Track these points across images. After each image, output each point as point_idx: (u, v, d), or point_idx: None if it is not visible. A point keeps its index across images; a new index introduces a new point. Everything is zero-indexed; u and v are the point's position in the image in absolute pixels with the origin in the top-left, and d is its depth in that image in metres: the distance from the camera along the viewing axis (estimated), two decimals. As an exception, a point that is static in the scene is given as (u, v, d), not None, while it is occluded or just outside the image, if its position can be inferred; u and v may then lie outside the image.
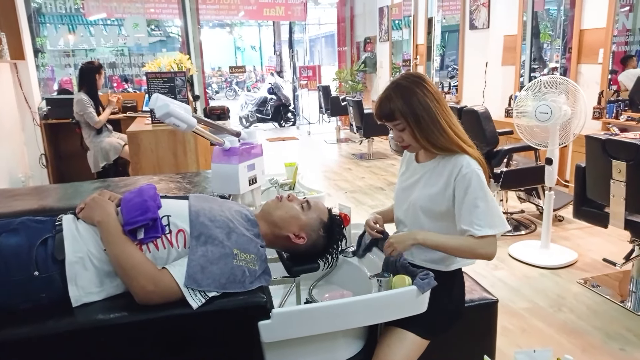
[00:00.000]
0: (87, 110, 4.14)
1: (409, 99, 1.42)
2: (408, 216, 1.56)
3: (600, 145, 2.58)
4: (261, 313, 1.26)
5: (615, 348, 2.27)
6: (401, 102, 1.42)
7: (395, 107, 1.43)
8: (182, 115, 1.58)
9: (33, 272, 1.20)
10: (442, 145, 1.45)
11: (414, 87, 1.43)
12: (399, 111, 1.43)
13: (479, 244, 1.42)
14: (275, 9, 9.10)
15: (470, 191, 1.41)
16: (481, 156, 1.49)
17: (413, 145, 1.49)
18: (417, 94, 1.42)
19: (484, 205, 1.40)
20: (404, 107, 1.42)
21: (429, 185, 1.50)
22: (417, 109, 1.42)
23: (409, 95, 1.42)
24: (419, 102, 1.42)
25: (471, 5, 6.01)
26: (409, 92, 1.43)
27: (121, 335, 1.20)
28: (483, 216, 1.40)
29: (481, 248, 1.42)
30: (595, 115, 4.33)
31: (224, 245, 1.29)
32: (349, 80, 9.23)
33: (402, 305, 1.39)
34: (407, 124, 1.44)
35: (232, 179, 1.82)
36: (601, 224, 2.75)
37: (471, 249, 1.43)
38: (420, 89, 1.43)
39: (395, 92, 1.44)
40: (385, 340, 1.48)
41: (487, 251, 1.43)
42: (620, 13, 4.29)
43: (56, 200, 2.13)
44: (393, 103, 1.43)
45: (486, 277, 3.01)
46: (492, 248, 1.43)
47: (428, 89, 1.44)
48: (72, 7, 7.03)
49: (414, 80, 1.45)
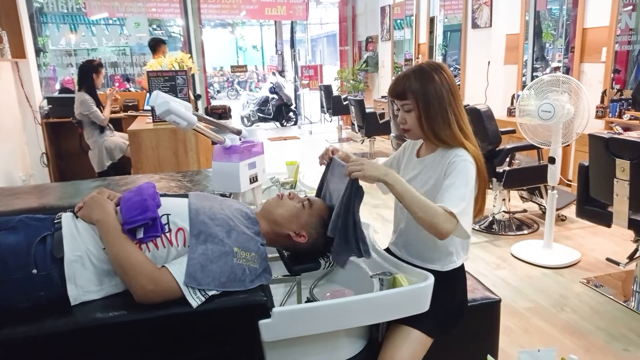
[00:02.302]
0: (92, 110, 4.14)
1: (426, 83, 1.42)
2: (406, 213, 1.55)
3: (604, 144, 2.56)
4: (262, 312, 1.25)
5: (618, 348, 2.25)
6: (417, 84, 1.43)
7: (410, 87, 1.43)
8: (183, 112, 1.57)
9: (32, 271, 1.19)
10: (444, 138, 1.44)
11: (434, 73, 1.44)
12: (412, 92, 1.43)
13: (443, 216, 1.31)
14: (276, 9, 9.08)
15: (454, 174, 1.38)
16: (481, 155, 1.47)
17: (413, 131, 1.49)
18: (435, 81, 1.43)
19: (462, 191, 1.36)
20: (419, 89, 1.42)
21: (426, 180, 1.50)
22: (431, 94, 1.42)
23: (426, 80, 1.43)
24: (435, 88, 1.42)
25: (473, 4, 5.99)
26: (428, 76, 1.43)
27: (120, 334, 1.19)
28: (458, 199, 1.35)
29: (443, 222, 1.31)
30: (598, 114, 4.31)
31: (224, 244, 1.28)
32: (351, 80, 9.22)
33: (404, 304, 1.38)
34: (417, 107, 1.44)
35: (233, 177, 1.81)
36: (604, 223, 2.74)
37: (433, 215, 1.31)
38: (440, 77, 1.43)
39: (415, 73, 1.45)
40: (390, 338, 1.46)
41: (445, 227, 1.31)
42: (623, 12, 4.27)
43: (56, 199, 2.12)
44: (409, 82, 1.44)
45: (488, 276, 2.99)
46: (450, 227, 1.32)
47: (446, 79, 1.44)
48: (73, 7, 7.03)
49: (435, 67, 1.46)
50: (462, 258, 1.56)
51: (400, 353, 1.42)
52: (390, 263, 1.53)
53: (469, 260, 3.11)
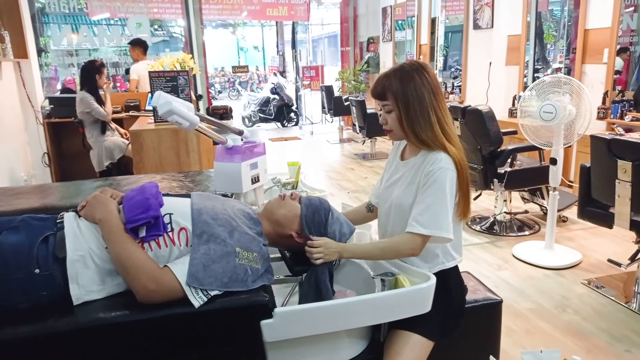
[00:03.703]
0: (94, 107, 4.12)
1: (406, 84, 1.41)
2: (390, 215, 1.55)
3: (606, 145, 2.56)
4: (263, 312, 1.25)
5: (620, 350, 2.25)
6: (397, 85, 1.42)
7: (390, 88, 1.43)
8: (185, 113, 1.57)
9: (34, 270, 1.19)
10: (425, 139, 1.44)
11: (414, 73, 1.42)
12: (392, 92, 1.43)
13: (405, 242, 1.41)
14: (278, 9, 9.09)
15: (429, 187, 1.39)
16: (463, 158, 1.45)
17: (395, 132, 1.49)
18: (415, 81, 1.42)
19: (435, 206, 1.38)
20: (399, 90, 1.42)
21: (407, 183, 1.49)
22: (411, 95, 1.41)
23: (407, 80, 1.42)
24: (415, 89, 1.41)
25: (475, 5, 5.99)
26: (408, 76, 1.42)
27: (122, 334, 1.19)
28: (427, 215, 1.38)
29: (405, 244, 1.41)
30: (599, 115, 4.31)
31: (227, 244, 1.28)
32: (352, 80, 9.22)
33: (406, 304, 1.38)
34: (397, 108, 1.44)
35: (235, 178, 1.81)
36: (606, 224, 2.73)
37: (395, 250, 1.44)
38: (420, 77, 1.42)
39: (395, 73, 1.44)
40: (392, 344, 1.46)
41: (411, 247, 1.40)
42: (624, 13, 4.27)
43: (58, 199, 2.13)
44: (389, 82, 1.43)
45: (490, 277, 2.99)
46: (416, 245, 1.40)
47: (427, 80, 1.43)
48: (75, 7, 7.05)
49: (416, 67, 1.44)
50: (453, 260, 1.54)
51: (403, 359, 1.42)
52: (392, 264, 1.53)
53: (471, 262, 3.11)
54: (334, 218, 1.49)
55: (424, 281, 1.39)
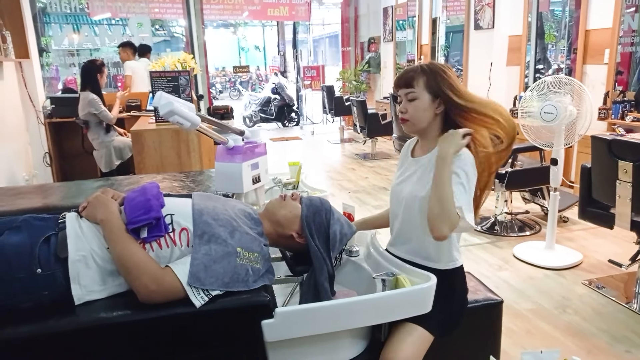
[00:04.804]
0: (102, 109, 4.15)
1: (436, 76, 1.49)
2: (400, 210, 1.57)
3: (607, 145, 2.56)
4: (264, 312, 1.25)
5: (621, 350, 2.25)
6: (429, 75, 1.49)
7: (419, 77, 1.49)
8: (186, 113, 1.57)
9: (35, 270, 1.20)
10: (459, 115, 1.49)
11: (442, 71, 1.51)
12: (422, 81, 1.48)
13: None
14: (279, 9, 9.10)
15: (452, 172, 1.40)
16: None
17: (413, 121, 1.51)
18: (444, 76, 1.49)
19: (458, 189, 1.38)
20: (430, 79, 1.48)
21: (423, 179, 1.50)
22: (441, 86, 1.48)
23: (437, 74, 1.49)
24: (444, 81, 1.48)
25: (476, 6, 5.99)
26: (438, 71, 1.50)
27: (124, 334, 1.20)
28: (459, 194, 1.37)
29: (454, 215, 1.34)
30: (600, 115, 4.30)
31: (228, 244, 1.28)
32: (353, 81, 9.22)
33: (407, 305, 1.38)
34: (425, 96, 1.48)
35: (236, 178, 1.81)
36: (607, 225, 2.73)
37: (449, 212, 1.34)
38: (448, 75, 1.50)
39: (424, 66, 1.52)
40: (395, 333, 1.47)
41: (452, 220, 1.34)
42: (625, 14, 4.27)
43: (60, 199, 2.13)
44: (419, 73, 1.50)
45: (490, 277, 2.99)
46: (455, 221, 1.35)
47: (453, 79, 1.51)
48: (76, 7, 7.05)
49: (443, 66, 1.54)
50: (460, 259, 1.58)
51: (403, 348, 1.43)
52: (392, 264, 1.53)
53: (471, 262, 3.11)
54: (334, 219, 1.49)
55: (425, 281, 1.40)
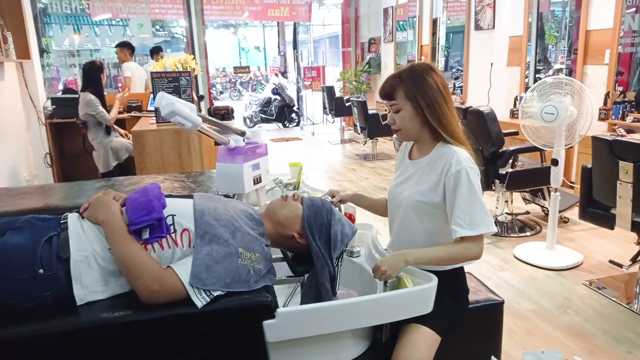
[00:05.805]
0: (99, 110, 4.16)
1: (417, 83, 1.45)
2: (399, 213, 1.57)
3: (607, 146, 2.56)
4: (266, 312, 1.26)
5: (622, 351, 2.25)
6: (408, 83, 1.45)
7: (399, 87, 1.46)
8: (187, 114, 1.57)
9: (37, 270, 1.20)
10: (445, 130, 1.47)
11: (424, 74, 1.46)
12: (402, 92, 1.46)
13: (465, 247, 1.43)
14: (279, 10, 9.11)
15: (458, 190, 1.41)
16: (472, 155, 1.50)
17: (403, 131, 1.51)
18: (426, 81, 1.45)
19: (469, 206, 1.40)
20: (410, 88, 1.45)
21: (421, 182, 1.51)
22: (422, 94, 1.44)
23: (417, 80, 1.45)
24: (426, 88, 1.45)
25: (476, 6, 5.99)
26: (419, 76, 1.46)
27: (125, 334, 1.20)
28: (466, 217, 1.40)
29: (469, 250, 1.44)
30: (601, 116, 4.30)
31: (229, 244, 1.29)
32: (353, 81, 9.22)
33: (408, 305, 1.38)
34: (407, 106, 1.46)
35: (237, 178, 1.82)
36: (607, 225, 2.73)
37: (461, 254, 1.45)
38: (430, 77, 1.46)
39: (405, 73, 1.48)
40: (406, 336, 1.46)
41: (473, 252, 1.44)
42: (626, 14, 4.27)
43: (61, 199, 2.13)
44: (398, 82, 1.47)
45: (491, 278, 2.99)
46: (477, 249, 1.44)
47: (437, 80, 1.47)
48: (77, 8, 7.06)
49: (426, 68, 1.49)
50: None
51: (417, 350, 1.42)
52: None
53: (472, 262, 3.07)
54: (335, 219, 1.49)
55: (426, 282, 1.40)
